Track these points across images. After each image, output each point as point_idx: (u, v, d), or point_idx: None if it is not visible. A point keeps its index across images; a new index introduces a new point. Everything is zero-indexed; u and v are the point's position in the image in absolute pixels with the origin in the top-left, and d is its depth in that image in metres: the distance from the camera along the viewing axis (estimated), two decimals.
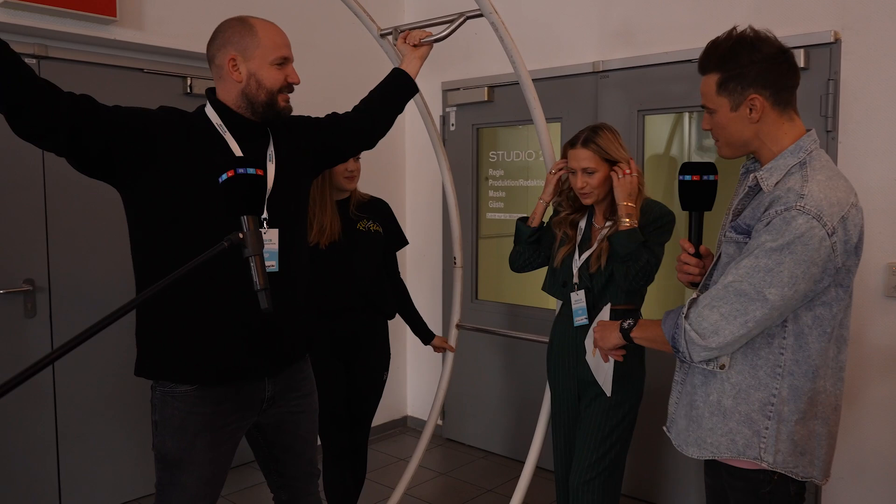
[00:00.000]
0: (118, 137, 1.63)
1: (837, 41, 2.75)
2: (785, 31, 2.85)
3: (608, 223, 2.31)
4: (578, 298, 2.31)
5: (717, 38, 1.62)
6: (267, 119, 1.84)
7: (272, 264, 1.81)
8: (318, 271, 2.30)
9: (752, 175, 1.62)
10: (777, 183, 1.56)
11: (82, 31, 2.97)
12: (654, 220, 2.26)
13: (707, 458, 1.69)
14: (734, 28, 1.60)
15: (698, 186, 1.76)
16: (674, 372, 1.87)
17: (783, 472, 1.60)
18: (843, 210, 1.49)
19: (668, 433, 1.83)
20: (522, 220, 2.50)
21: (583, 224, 2.39)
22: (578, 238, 2.38)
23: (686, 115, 3.36)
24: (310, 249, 2.29)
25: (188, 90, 3.38)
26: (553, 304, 3.80)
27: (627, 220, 2.20)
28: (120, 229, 1.75)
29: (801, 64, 2.79)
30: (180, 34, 3.26)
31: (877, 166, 2.71)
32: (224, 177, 1.41)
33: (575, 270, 2.34)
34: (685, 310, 1.60)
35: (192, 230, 1.71)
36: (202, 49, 3.29)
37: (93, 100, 1.62)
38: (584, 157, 2.26)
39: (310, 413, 2.03)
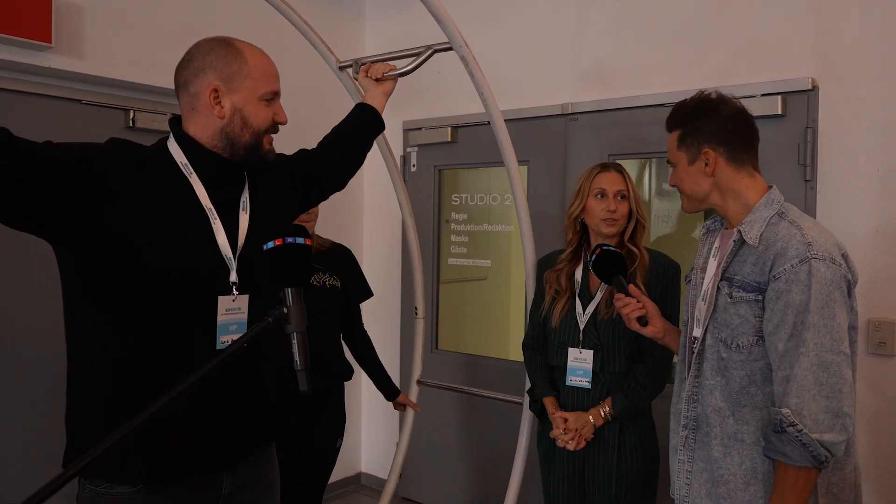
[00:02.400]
0: (41, 179, 1.27)
1: (815, 88, 2.67)
2: (762, 77, 2.77)
3: None
4: (581, 357, 2.12)
5: (685, 99, 1.74)
6: (247, 163, 1.56)
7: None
8: None
9: (735, 229, 1.64)
10: (761, 235, 1.59)
11: (14, 58, 2.71)
12: (661, 280, 2.13)
13: None
14: (702, 91, 1.72)
15: (602, 260, 1.95)
16: (672, 451, 1.73)
17: None
18: (842, 250, 1.57)
19: None
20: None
21: (579, 274, 2.21)
22: (577, 289, 2.19)
23: (651, 160, 3.25)
24: None
25: (131, 124, 3.13)
26: (515, 354, 3.63)
27: (597, 418, 2.12)
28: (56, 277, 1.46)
29: (779, 111, 2.70)
30: (123, 63, 3.02)
31: (856, 217, 2.61)
32: (270, 245, 1.29)
33: (581, 326, 2.14)
34: (794, 428, 1.45)
35: (143, 294, 1.40)
36: (146, 80, 3.12)
37: (7, 134, 1.27)
38: (618, 181, 2.17)
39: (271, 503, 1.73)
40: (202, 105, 1.50)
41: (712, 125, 1.65)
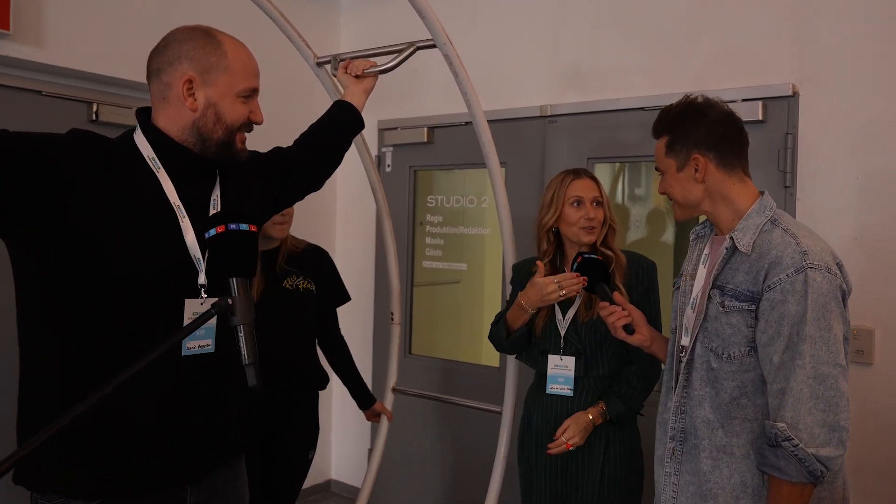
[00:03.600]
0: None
1: (795, 94, 2.66)
2: (742, 82, 2.76)
3: None
4: (561, 364, 2.07)
5: (671, 104, 1.68)
6: (218, 160, 1.48)
7: (207, 343, 1.43)
8: None
9: (727, 236, 1.59)
10: (754, 242, 1.54)
11: None
12: (641, 281, 2.10)
13: None
14: (687, 95, 1.67)
15: (586, 266, 1.93)
16: (657, 462, 1.68)
17: None
18: (836, 259, 1.52)
19: None
20: (503, 322, 2.20)
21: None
22: None
23: (625, 165, 3.22)
24: None
25: (94, 117, 3.00)
26: (488, 359, 3.57)
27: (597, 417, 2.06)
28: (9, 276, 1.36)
29: (759, 117, 2.68)
30: (86, 54, 2.89)
31: (836, 225, 2.60)
32: (212, 232, 1.22)
33: (562, 332, 2.10)
34: (790, 442, 1.41)
35: (103, 296, 1.32)
36: (111, 71, 2.99)
37: None
38: (592, 187, 2.13)
39: None
40: (174, 96, 1.41)
41: (700, 130, 1.60)
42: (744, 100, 2.72)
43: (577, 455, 2.07)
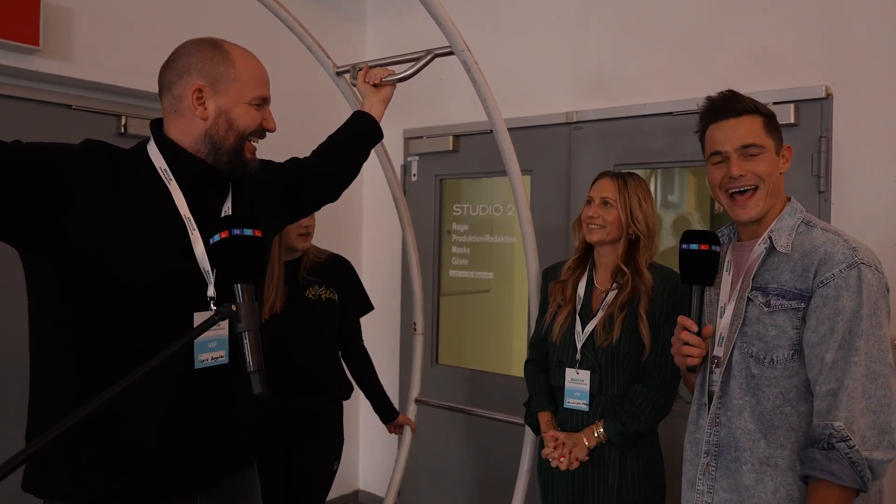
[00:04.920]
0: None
1: (829, 96, 2.58)
2: (773, 84, 2.68)
3: (614, 285, 2.03)
4: (578, 378, 2.01)
5: (731, 90, 1.62)
6: (231, 171, 1.47)
7: (221, 354, 1.44)
8: None
9: (766, 236, 1.56)
10: (792, 243, 1.52)
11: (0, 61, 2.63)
12: (666, 300, 2.00)
13: None
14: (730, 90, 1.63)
15: (705, 257, 1.58)
16: (688, 485, 1.61)
17: None
18: (877, 259, 1.50)
19: None
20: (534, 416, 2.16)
21: (582, 288, 2.10)
22: (578, 305, 2.08)
23: (657, 171, 3.16)
24: None
25: (122, 130, 3.04)
26: (517, 369, 3.52)
27: (591, 440, 1.98)
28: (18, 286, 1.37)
29: (791, 120, 2.61)
30: (113, 67, 2.93)
31: (873, 231, 2.50)
32: (216, 238, 1.22)
33: (579, 345, 2.03)
34: (847, 443, 1.35)
35: (111, 307, 1.32)
36: (138, 85, 3.02)
37: None
38: (607, 187, 2.07)
39: None
40: (185, 108, 1.42)
41: (777, 125, 1.61)
42: (775, 103, 2.64)
43: (592, 473, 2.01)
